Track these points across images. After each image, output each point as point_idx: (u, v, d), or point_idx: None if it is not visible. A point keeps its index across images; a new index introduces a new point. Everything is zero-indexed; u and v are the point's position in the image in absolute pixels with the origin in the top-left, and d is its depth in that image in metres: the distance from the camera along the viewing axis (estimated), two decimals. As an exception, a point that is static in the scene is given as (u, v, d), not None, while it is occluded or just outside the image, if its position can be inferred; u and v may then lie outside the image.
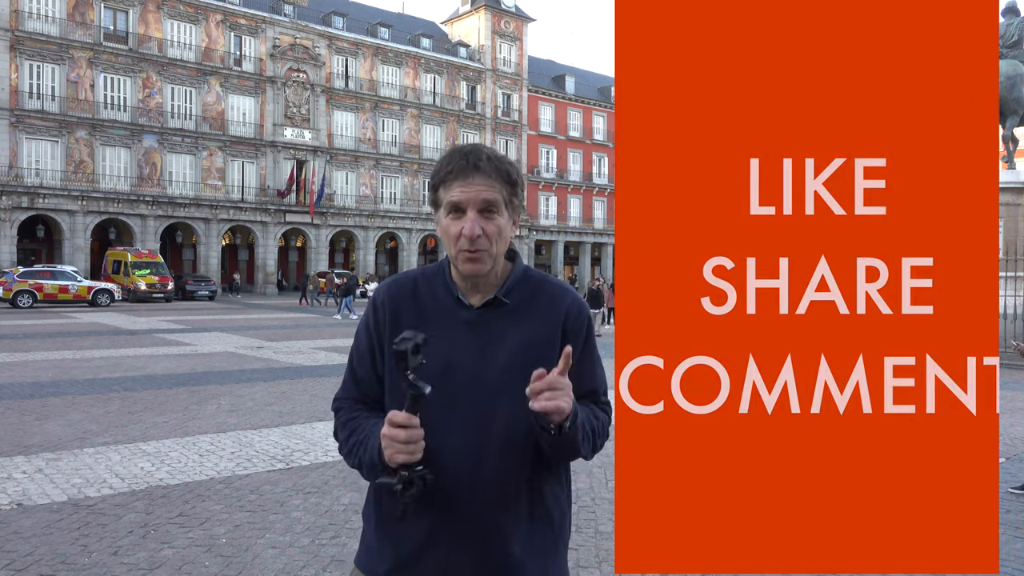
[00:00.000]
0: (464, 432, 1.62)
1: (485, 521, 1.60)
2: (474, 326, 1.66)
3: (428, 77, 50.82)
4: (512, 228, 1.68)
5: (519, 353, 1.64)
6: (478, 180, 1.61)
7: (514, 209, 1.68)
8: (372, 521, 1.71)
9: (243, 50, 43.31)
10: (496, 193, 1.62)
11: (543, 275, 1.77)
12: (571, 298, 1.73)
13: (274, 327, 21.63)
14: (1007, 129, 17.76)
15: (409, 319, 1.67)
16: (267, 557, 4.32)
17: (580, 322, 1.71)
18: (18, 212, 36.03)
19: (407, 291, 1.72)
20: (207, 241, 41.86)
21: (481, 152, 1.64)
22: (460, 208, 1.61)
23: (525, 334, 1.66)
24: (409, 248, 49.76)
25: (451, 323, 1.66)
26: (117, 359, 13.66)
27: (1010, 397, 10.89)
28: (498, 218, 1.63)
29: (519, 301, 1.69)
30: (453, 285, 1.69)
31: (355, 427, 1.67)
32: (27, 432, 7.52)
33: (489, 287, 1.68)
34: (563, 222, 57.15)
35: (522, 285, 1.71)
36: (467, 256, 1.62)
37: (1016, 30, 17.64)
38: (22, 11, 36.26)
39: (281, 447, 7.06)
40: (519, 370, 1.60)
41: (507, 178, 1.65)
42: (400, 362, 1.45)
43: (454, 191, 1.62)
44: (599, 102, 60.54)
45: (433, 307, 1.68)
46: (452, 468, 1.59)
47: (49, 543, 4.48)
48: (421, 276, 1.75)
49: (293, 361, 13.78)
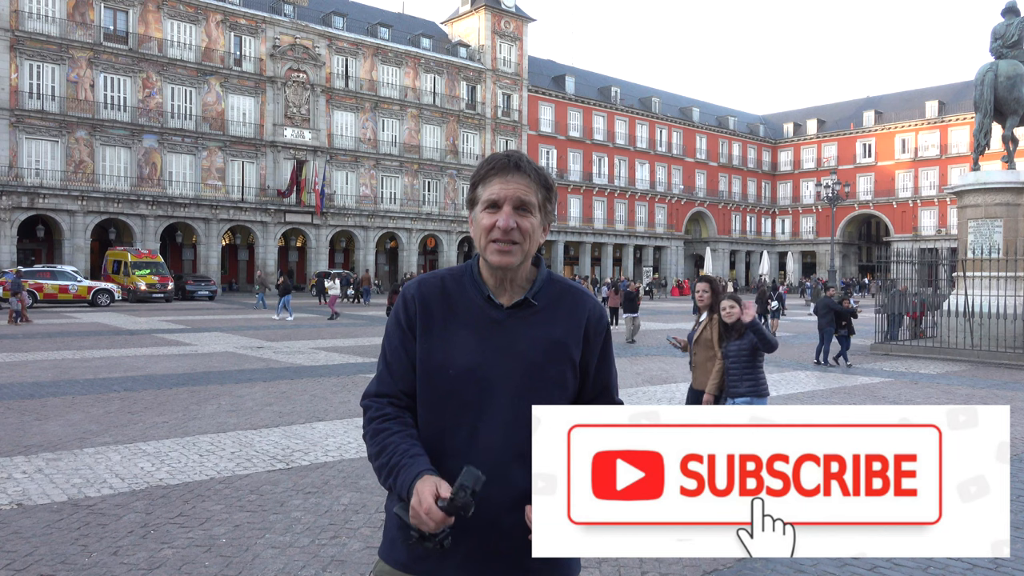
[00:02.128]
0: (492, 429, 1.67)
1: (510, 514, 1.63)
2: (503, 326, 1.72)
3: (428, 77, 50.81)
4: (543, 233, 1.75)
5: (546, 352, 1.71)
6: (517, 179, 1.69)
7: (546, 214, 1.76)
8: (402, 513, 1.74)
9: (243, 50, 43.30)
10: (532, 195, 1.70)
11: (565, 279, 1.85)
12: (592, 303, 1.81)
13: (274, 327, 21.62)
14: (1007, 129, 17.75)
15: (439, 314, 1.73)
16: (267, 557, 4.32)
17: (601, 326, 1.81)
18: (18, 212, 36.02)
19: (436, 289, 1.77)
20: (207, 241, 41.85)
21: (522, 156, 1.74)
22: (497, 204, 1.69)
23: (552, 334, 1.73)
24: (409, 248, 49.75)
25: (480, 321, 1.72)
26: (117, 359, 13.66)
27: (1010, 397, 10.90)
28: (531, 218, 1.71)
29: (546, 303, 1.76)
30: (483, 284, 1.75)
31: (385, 444, 1.69)
32: (27, 432, 7.52)
33: (517, 288, 1.76)
34: (563, 222, 57.13)
35: (548, 288, 1.78)
36: (498, 248, 1.68)
37: (1016, 30, 17.63)
38: (22, 11, 36.25)
39: (281, 447, 7.06)
40: (546, 368, 1.71)
41: (544, 182, 1.74)
42: (454, 511, 1.49)
43: (493, 187, 1.70)
44: (599, 102, 60.53)
45: (462, 305, 1.74)
46: (479, 463, 1.61)
47: (49, 543, 4.48)
48: (449, 276, 1.80)
49: (293, 361, 13.78)
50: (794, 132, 73.51)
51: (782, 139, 74.27)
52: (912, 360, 15.64)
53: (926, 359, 15.82)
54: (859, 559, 4.39)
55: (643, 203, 62.83)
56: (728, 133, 70.40)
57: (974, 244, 16.96)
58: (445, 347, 1.71)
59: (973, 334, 15.79)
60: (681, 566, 4.29)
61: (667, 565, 4.31)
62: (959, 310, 16.46)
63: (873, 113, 67.61)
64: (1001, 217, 16.74)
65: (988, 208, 16.90)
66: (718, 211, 69.03)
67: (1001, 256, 16.31)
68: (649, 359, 15.20)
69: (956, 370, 14.14)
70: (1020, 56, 17.64)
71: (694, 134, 67.47)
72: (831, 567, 4.28)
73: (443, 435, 1.70)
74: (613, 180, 60.98)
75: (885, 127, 66.02)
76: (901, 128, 65.20)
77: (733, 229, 70.39)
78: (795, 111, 77.81)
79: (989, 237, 16.78)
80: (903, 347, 16.97)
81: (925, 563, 4.35)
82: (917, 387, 11.85)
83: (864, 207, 66.62)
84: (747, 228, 71.89)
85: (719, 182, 69.39)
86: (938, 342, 17.15)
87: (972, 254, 16.82)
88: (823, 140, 70.75)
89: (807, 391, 11.29)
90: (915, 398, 10.72)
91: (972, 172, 17.88)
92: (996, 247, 16.58)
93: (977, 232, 17.01)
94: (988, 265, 16.24)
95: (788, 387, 11.65)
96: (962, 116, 60.16)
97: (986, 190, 16.95)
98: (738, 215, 70.98)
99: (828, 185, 40.97)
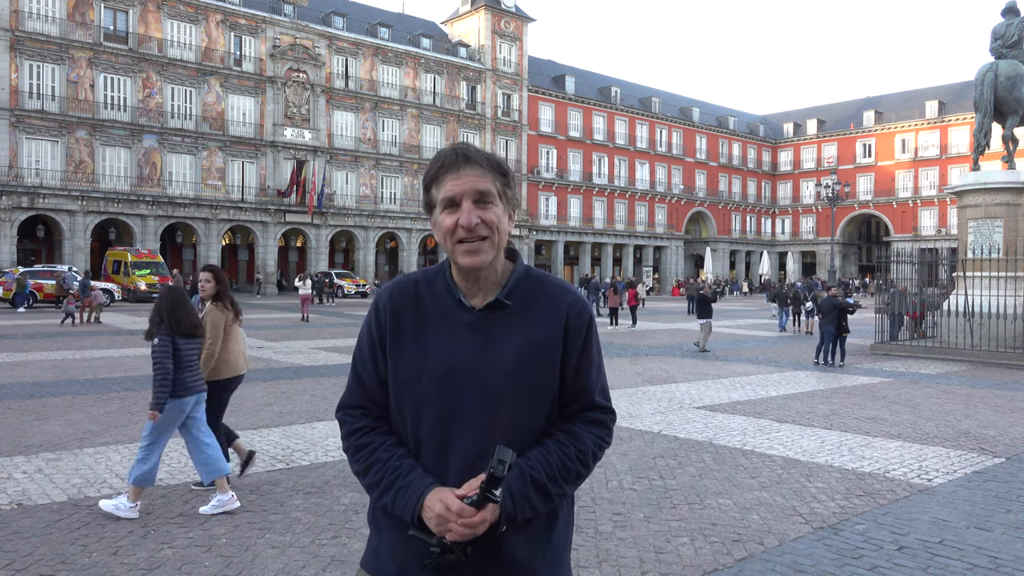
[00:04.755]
0: (468, 435, 1.60)
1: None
2: (476, 328, 1.64)
3: (428, 77, 50.81)
4: (509, 223, 1.66)
5: (522, 355, 1.62)
6: (470, 171, 1.60)
7: (508, 202, 1.66)
8: (384, 522, 1.68)
9: (243, 50, 43.30)
10: (489, 183, 1.61)
11: (544, 274, 1.75)
12: (572, 297, 1.71)
13: (274, 327, 21.62)
14: (1007, 129, 17.75)
15: (409, 322, 1.66)
16: (267, 557, 4.32)
17: (581, 321, 1.69)
18: (18, 212, 36.02)
19: (408, 294, 1.69)
20: (207, 241, 41.84)
21: (469, 147, 1.64)
22: (455, 202, 1.60)
23: (528, 335, 1.64)
24: (409, 248, 49.75)
25: (452, 325, 1.64)
26: (117, 359, 13.66)
27: (1010, 397, 10.90)
28: (494, 208, 1.61)
29: (521, 302, 1.66)
30: (454, 286, 1.66)
31: (372, 462, 1.64)
32: (27, 432, 7.52)
33: (491, 287, 1.67)
34: (563, 222, 57.13)
35: (524, 285, 1.69)
36: (465, 248, 1.59)
37: (1016, 30, 17.63)
38: (22, 11, 36.25)
39: (281, 447, 7.06)
40: (522, 372, 1.61)
41: (499, 168, 1.64)
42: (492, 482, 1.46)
43: (447, 185, 1.61)
44: (599, 102, 60.52)
45: (434, 310, 1.66)
46: (457, 471, 1.59)
47: (49, 543, 4.48)
48: (422, 278, 1.73)
49: (293, 361, 13.78)
50: (794, 132, 73.50)
51: (782, 139, 74.25)
52: (912, 360, 15.64)
53: (926, 359, 15.82)
54: (859, 559, 4.40)
55: (643, 203, 62.82)
56: (728, 133, 70.39)
57: (974, 244, 16.96)
58: (416, 355, 1.64)
59: (973, 334, 15.79)
60: (681, 566, 4.29)
61: (667, 565, 4.31)
62: (959, 310, 16.46)
63: (873, 113, 67.61)
64: (1001, 217, 16.74)
65: (988, 208, 16.90)
66: (718, 211, 69.02)
67: (1001, 256, 16.31)
68: (649, 359, 15.19)
69: (956, 370, 14.14)
70: (1020, 56, 17.64)
71: (694, 134, 67.45)
72: (831, 567, 4.28)
73: (418, 445, 1.64)
74: (613, 180, 60.97)
75: (885, 127, 66.01)
76: (901, 128, 65.20)
77: (733, 229, 70.37)
78: (795, 111, 77.80)
79: (989, 237, 16.78)
80: (903, 347, 16.97)
81: (925, 563, 4.35)
82: (917, 387, 11.85)
83: (864, 207, 66.61)
84: (747, 228, 71.88)
85: (719, 182, 69.38)
86: (938, 342, 17.15)
87: (972, 254, 16.82)
88: (823, 140, 70.74)
89: (807, 391, 11.29)
90: (915, 398, 10.72)
91: (972, 172, 17.88)
92: (996, 247, 16.58)
93: (977, 232, 17.01)
94: (988, 265, 16.24)
95: (788, 387, 11.65)
96: (962, 116, 60.14)
97: (986, 190, 16.95)
98: (738, 215, 70.96)
99: (828, 185, 40.97)
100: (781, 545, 4.65)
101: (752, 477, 6.26)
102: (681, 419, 8.79)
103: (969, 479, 6.29)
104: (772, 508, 5.39)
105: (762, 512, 5.29)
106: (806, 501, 5.58)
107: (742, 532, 4.88)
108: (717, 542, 4.68)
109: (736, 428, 8.32)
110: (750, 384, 11.89)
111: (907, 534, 4.85)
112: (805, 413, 9.37)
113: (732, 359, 15.41)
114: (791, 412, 9.41)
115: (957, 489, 5.98)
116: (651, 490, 5.83)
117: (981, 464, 6.82)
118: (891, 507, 5.46)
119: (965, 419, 9.08)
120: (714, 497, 5.65)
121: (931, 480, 6.25)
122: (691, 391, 11.01)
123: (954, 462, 6.89)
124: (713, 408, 9.61)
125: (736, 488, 5.91)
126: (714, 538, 4.75)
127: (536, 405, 1.65)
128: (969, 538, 4.80)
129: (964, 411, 9.66)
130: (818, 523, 5.07)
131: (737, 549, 4.57)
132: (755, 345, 18.75)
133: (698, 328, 17.56)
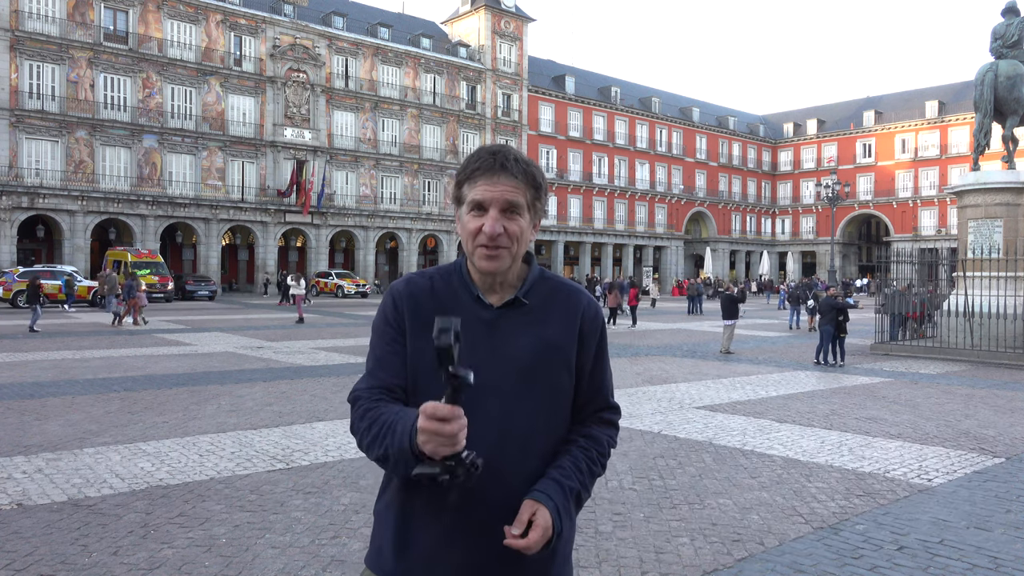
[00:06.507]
0: (482, 432, 1.58)
1: (502, 522, 1.57)
2: (493, 326, 1.65)
3: (428, 77, 50.81)
4: (532, 232, 1.68)
5: (537, 354, 1.64)
6: (504, 180, 1.61)
7: (536, 213, 1.67)
8: (391, 520, 1.65)
9: (243, 50, 43.30)
10: (520, 196, 1.62)
11: (556, 276, 1.77)
12: (587, 300, 1.73)
13: (274, 327, 21.62)
14: (1007, 129, 17.75)
15: (428, 313, 1.63)
16: (267, 557, 4.32)
17: (596, 324, 1.73)
18: (18, 212, 36.02)
19: (425, 288, 1.70)
20: (207, 241, 41.85)
21: (509, 153, 1.64)
22: (483, 207, 1.61)
23: (544, 335, 1.66)
24: (409, 248, 49.75)
25: (470, 321, 1.62)
26: (117, 359, 13.66)
27: (1010, 397, 10.90)
28: (520, 219, 1.63)
29: (537, 302, 1.69)
30: (472, 284, 1.68)
31: (376, 416, 1.56)
32: (27, 432, 7.52)
33: (507, 287, 1.69)
34: (563, 222, 57.14)
35: (539, 286, 1.71)
36: (485, 253, 1.61)
37: (1016, 30, 17.64)
38: (22, 11, 36.25)
39: (281, 447, 7.06)
40: (537, 371, 1.63)
41: (532, 181, 1.64)
42: (444, 356, 1.31)
43: (478, 189, 1.61)
44: (599, 102, 60.53)
45: (452, 304, 1.66)
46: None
47: (49, 543, 4.48)
48: (437, 274, 1.74)
49: (293, 361, 13.77)
50: (794, 132, 73.50)
51: (782, 139, 74.25)
52: (912, 360, 15.64)
53: (926, 359, 15.82)
54: (859, 559, 4.39)
55: (643, 203, 62.83)
56: (728, 133, 70.39)
57: (974, 244, 16.96)
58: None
59: (973, 334, 15.79)
60: (681, 566, 4.29)
61: (667, 565, 4.31)
62: (959, 310, 16.46)
63: (873, 113, 67.62)
64: (1001, 217, 16.74)
65: (988, 208, 16.90)
66: (718, 211, 69.02)
67: (1001, 256, 16.31)
68: (649, 359, 15.19)
69: (956, 370, 14.14)
70: (1020, 56, 17.64)
71: (694, 134, 67.46)
72: (831, 567, 4.28)
73: None
74: (613, 180, 60.97)
75: (885, 127, 66.02)
76: (901, 128, 65.20)
77: (733, 229, 70.38)
78: (795, 111, 77.82)
79: (989, 237, 16.78)
80: (903, 347, 16.97)
81: (925, 563, 4.35)
82: (917, 387, 11.85)
83: (864, 207, 66.62)
84: (747, 228, 71.88)
85: (719, 182, 69.38)
86: (938, 342, 17.15)
87: (972, 254, 16.81)
88: (823, 140, 70.74)
89: (807, 391, 11.29)
90: (915, 398, 10.72)
91: (972, 172, 17.88)
92: (996, 247, 16.58)
93: (977, 232, 17.01)
94: (988, 265, 16.24)
95: (788, 387, 11.65)
96: (962, 116, 60.15)
97: (986, 190, 16.95)
98: (738, 215, 70.97)
99: (828, 185, 40.96)
100: (781, 545, 4.64)
101: (752, 477, 6.26)
102: (681, 419, 8.79)
103: (969, 479, 6.29)
104: (772, 508, 5.39)
105: (762, 512, 5.29)
106: (806, 501, 5.58)
107: (742, 532, 4.88)
108: (717, 542, 4.68)
109: (736, 428, 8.32)
110: (750, 384, 11.89)
111: (907, 534, 4.85)
112: (805, 413, 9.37)
113: (732, 359, 15.41)
114: (791, 412, 9.41)
115: (957, 489, 5.98)
116: (651, 490, 5.83)
117: (981, 464, 6.82)
118: (891, 507, 5.46)
119: (965, 419, 9.08)
120: (714, 497, 5.65)
121: (931, 480, 6.25)
122: (691, 391, 11.01)
123: (954, 462, 6.89)
124: (713, 408, 9.61)
125: (736, 488, 5.91)
126: (714, 538, 4.75)
127: (552, 404, 1.67)
128: (969, 538, 4.79)
129: (964, 411, 9.66)
130: (818, 523, 5.06)
131: (737, 549, 4.57)
132: (755, 345, 18.75)
133: (721, 329, 17.52)
